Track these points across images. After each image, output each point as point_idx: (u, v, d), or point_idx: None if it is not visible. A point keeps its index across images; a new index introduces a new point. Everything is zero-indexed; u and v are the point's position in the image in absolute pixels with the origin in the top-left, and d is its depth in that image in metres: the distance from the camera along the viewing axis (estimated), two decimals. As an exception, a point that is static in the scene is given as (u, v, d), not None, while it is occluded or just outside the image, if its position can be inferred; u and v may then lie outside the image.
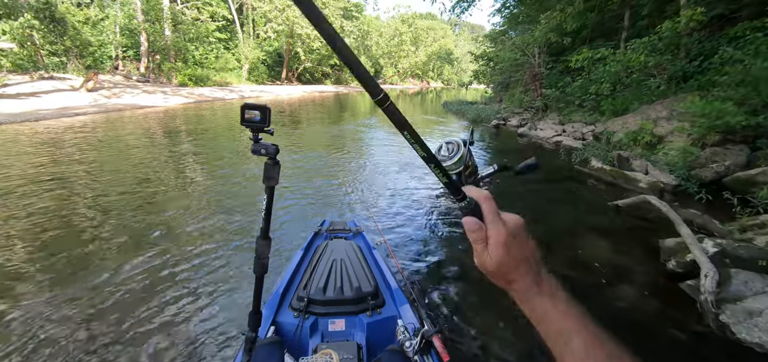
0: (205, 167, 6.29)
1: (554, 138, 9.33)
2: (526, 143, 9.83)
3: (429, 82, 72.54)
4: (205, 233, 3.72)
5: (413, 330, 1.49)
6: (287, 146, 8.49)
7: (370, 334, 1.61)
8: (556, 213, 4.62)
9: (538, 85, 12.83)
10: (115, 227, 3.71)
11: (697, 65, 8.16)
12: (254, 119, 1.07)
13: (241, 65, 32.14)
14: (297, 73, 38.90)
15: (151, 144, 7.87)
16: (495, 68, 18.30)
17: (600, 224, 4.21)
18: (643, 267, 3.25)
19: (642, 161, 5.71)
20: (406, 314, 1.68)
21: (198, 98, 19.55)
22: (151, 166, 6.07)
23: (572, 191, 5.48)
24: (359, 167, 6.96)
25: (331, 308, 1.69)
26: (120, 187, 4.91)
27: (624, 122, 7.59)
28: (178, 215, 4.07)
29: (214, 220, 4.03)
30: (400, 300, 1.77)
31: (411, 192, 5.33)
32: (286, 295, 1.81)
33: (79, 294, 2.63)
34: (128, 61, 25.03)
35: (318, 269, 1.88)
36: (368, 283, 1.80)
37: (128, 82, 21.70)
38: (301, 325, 1.59)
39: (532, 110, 12.82)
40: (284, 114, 15.98)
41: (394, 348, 1.41)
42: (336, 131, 11.71)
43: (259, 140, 1.13)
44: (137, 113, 13.81)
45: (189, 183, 5.38)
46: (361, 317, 1.66)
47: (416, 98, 34.83)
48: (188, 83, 23.55)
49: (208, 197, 4.81)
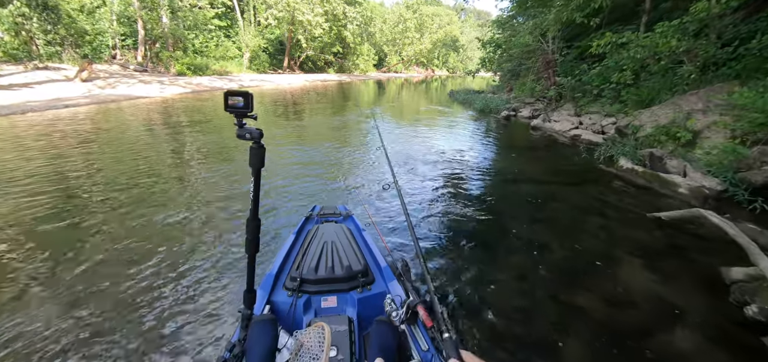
0: (193, 162, 5.72)
1: (571, 131, 8.62)
2: (540, 136, 9.12)
3: (434, 71, 71.23)
4: (194, 230, 3.47)
5: (400, 302, 1.58)
6: (287, 139, 7.89)
7: (360, 309, 1.68)
8: (583, 227, 3.96)
9: (551, 73, 12.04)
10: (64, 231, 3.14)
11: (730, 51, 7.40)
12: (238, 105, 1.18)
13: (242, 54, 31.40)
14: (299, 62, 38.05)
15: (135, 137, 7.29)
16: (503, 55, 17.48)
17: (639, 242, 3.55)
18: (704, 307, 2.61)
19: (679, 161, 5.02)
20: (394, 288, 1.77)
21: (196, 88, 18.93)
22: (128, 161, 5.49)
23: (599, 198, 4.78)
24: (355, 159, 6.70)
25: (323, 286, 1.76)
26: (96, 184, 4.34)
27: (652, 115, 6.86)
28: (160, 217, 3.50)
29: (200, 216, 3.64)
30: (389, 276, 1.85)
31: (403, 182, 5.22)
32: (279, 276, 1.87)
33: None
34: (127, 51, 24.45)
35: (309, 251, 1.96)
36: (358, 262, 1.88)
37: (125, 72, 21.12)
38: (295, 303, 1.66)
39: (545, 99, 12.06)
40: (287, 105, 15.34)
41: (382, 319, 1.46)
42: (337, 121, 11.05)
43: (244, 125, 1.22)
44: (131, 104, 13.26)
45: (170, 179, 4.82)
46: (352, 293, 1.74)
47: (421, 87, 33.95)
48: (187, 73, 22.90)
49: (194, 193, 4.31)
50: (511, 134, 9.89)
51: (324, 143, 7.92)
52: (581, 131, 8.46)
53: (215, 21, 28.38)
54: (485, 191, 5.18)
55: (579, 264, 3.17)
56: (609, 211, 4.37)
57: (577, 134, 8.31)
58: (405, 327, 1.50)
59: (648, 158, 5.27)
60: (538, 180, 5.56)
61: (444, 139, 8.87)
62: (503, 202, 4.71)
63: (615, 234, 3.73)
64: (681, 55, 7.79)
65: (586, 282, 2.90)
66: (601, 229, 3.88)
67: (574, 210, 4.41)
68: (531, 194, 4.88)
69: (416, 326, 1.53)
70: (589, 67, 10.47)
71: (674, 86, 7.54)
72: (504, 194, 5.05)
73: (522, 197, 4.87)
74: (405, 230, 3.62)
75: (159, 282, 2.71)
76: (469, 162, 6.64)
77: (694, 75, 7.40)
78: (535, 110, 11.72)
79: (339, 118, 11.92)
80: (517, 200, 4.79)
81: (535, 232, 3.76)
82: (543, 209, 4.48)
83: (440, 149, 7.61)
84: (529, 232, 3.75)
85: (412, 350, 1.46)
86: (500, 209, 4.39)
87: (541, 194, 4.88)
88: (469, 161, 6.68)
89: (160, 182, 4.83)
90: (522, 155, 7.50)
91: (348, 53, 43.95)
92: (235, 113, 1.20)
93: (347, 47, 42.88)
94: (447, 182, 5.48)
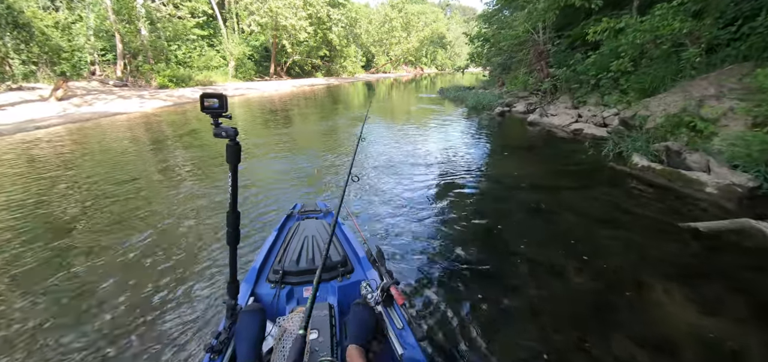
0: (168, 180, 5.14)
1: (572, 125, 8.14)
2: (538, 132, 8.61)
3: (423, 69, 70.84)
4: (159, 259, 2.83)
5: (376, 286, 1.66)
6: (268, 148, 7.31)
7: (341, 296, 1.77)
8: (602, 243, 3.41)
9: (544, 64, 11.59)
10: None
11: (733, 31, 6.96)
12: (213, 106, 1.26)
13: (227, 62, 30.65)
14: (286, 67, 37.35)
15: (106, 159, 6.67)
16: (492, 49, 17.04)
17: (675, 261, 3.01)
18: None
19: (700, 155, 4.53)
20: (371, 275, 1.86)
21: (178, 100, 18.23)
22: (93, 185, 4.89)
23: (615, 203, 4.22)
24: (336, 162, 6.54)
25: (304, 277, 1.84)
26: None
27: (659, 104, 6.39)
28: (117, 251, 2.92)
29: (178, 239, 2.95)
30: (367, 265, 1.94)
31: (389, 187, 5.12)
32: (262, 270, 1.94)
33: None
34: (107, 66, 23.66)
35: (291, 246, 2.05)
36: (337, 254, 1.97)
37: (104, 88, 20.36)
38: (278, 294, 1.75)
39: (540, 93, 11.60)
40: (272, 112, 14.72)
41: (358, 302, 1.51)
42: (324, 126, 10.47)
43: (219, 124, 1.30)
44: (108, 121, 12.58)
45: (140, 200, 4.25)
46: (333, 283, 1.83)
47: (410, 86, 33.45)
48: (169, 85, 22.16)
49: (170, 217, 3.72)
50: (507, 132, 9.39)
51: (307, 150, 7.42)
52: (582, 124, 7.99)
53: (196, 31, 27.62)
54: (482, 199, 4.65)
55: (603, 294, 2.64)
56: (630, 220, 3.82)
57: (579, 128, 7.83)
58: (381, 309, 1.57)
59: (664, 153, 4.77)
60: (542, 184, 5.02)
61: (435, 139, 8.38)
62: (503, 213, 4.15)
63: (642, 251, 3.18)
64: (682, 38, 7.36)
65: (613, 319, 2.37)
66: (625, 244, 3.33)
67: (588, 220, 3.86)
68: (535, 202, 4.33)
69: (392, 308, 1.60)
70: (584, 56, 10.02)
71: (679, 72, 7.08)
72: (504, 203, 4.48)
73: (524, 205, 4.31)
74: (382, 221, 3.94)
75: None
76: (463, 164, 6.12)
77: (700, 58, 6.95)
78: (530, 104, 11.25)
79: (325, 123, 11.36)
80: (519, 210, 4.21)
81: (543, 251, 3.23)
82: (551, 220, 3.94)
83: (431, 151, 7.12)
84: (536, 251, 3.22)
85: (388, 328, 1.52)
86: (500, 222, 3.84)
87: (546, 201, 4.34)
88: (462, 163, 6.16)
89: (129, 203, 4.31)
90: (521, 154, 6.97)
91: (335, 56, 43.34)
92: (211, 113, 1.27)
93: (334, 50, 42.28)
94: (438, 188, 4.99)
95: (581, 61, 9.97)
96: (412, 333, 1.46)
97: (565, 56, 10.91)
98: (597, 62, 9.33)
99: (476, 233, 3.61)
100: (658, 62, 7.75)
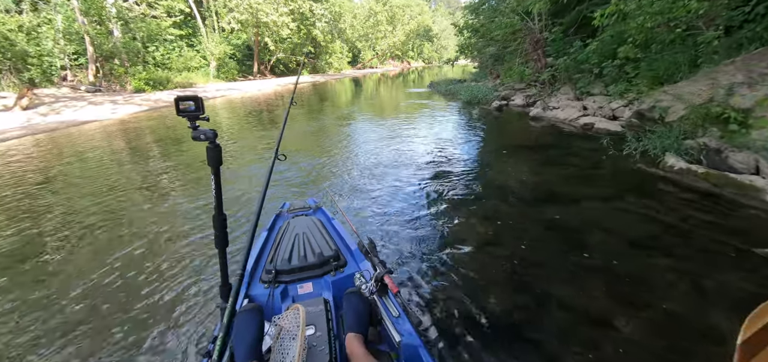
0: (132, 197, 4.33)
1: (580, 119, 7.50)
2: (544, 128, 7.95)
3: (409, 63, 70.06)
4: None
5: (369, 276, 1.64)
6: (248, 153, 6.52)
7: (335, 291, 1.74)
8: (648, 274, 2.71)
9: (541, 53, 10.95)
10: None
11: (747, 11, 6.39)
12: (189, 108, 1.21)
13: (208, 63, 29.43)
14: (269, 66, 36.22)
15: (70, 172, 5.83)
16: (481, 40, 16.37)
17: (750, 299, 2.38)
18: None
19: (745, 154, 3.90)
20: (365, 267, 1.87)
21: (154, 104, 17.20)
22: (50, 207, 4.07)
23: (654, 217, 3.51)
24: (324, 162, 6.15)
25: (297, 275, 1.82)
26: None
27: (679, 93, 5.76)
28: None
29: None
30: (360, 258, 1.94)
31: (374, 185, 4.97)
32: (255, 271, 1.90)
33: None
34: (80, 70, 22.36)
35: (282, 244, 2.01)
36: (329, 248, 1.94)
37: (75, 94, 19.20)
38: (272, 294, 1.72)
39: (538, 84, 10.96)
40: (253, 114, 13.85)
41: (352, 290, 1.53)
42: (311, 127, 9.67)
43: (197, 127, 1.24)
44: (77, 130, 11.62)
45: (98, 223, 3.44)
46: (326, 278, 1.81)
47: (398, 80, 32.68)
48: (146, 88, 21.01)
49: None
50: (509, 128, 8.71)
51: (292, 152, 6.65)
52: (591, 118, 7.36)
53: (173, 30, 26.35)
54: (491, 220, 3.70)
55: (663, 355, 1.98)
56: (677, 241, 3.11)
57: (589, 122, 7.19)
58: (376, 298, 1.55)
59: (702, 152, 4.13)
60: (557, 192, 4.33)
61: (428, 138, 7.67)
62: (512, 233, 3.40)
63: (708, 289, 2.49)
64: (696, 20, 6.76)
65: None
66: (677, 276, 2.64)
67: (622, 241, 3.15)
68: (550, 217, 3.60)
69: (387, 297, 1.58)
70: (584, 43, 9.39)
71: (697, 57, 6.48)
72: (511, 219, 3.67)
73: (538, 222, 3.57)
74: (374, 215, 3.88)
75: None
76: (462, 171, 5.33)
77: (718, 42, 6.35)
78: (529, 97, 10.62)
79: (311, 125, 10.56)
80: (540, 233, 3.37)
81: (569, 288, 2.54)
82: (573, 241, 3.18)
83: (424, 153, 6.42)
84: (561, 289, 2.53)
85: (383, 316, 1.51)
86: (519, 252, 3.07)
87: (564, 216, 3.62)
88: (461, 170, 5.38)
89: (105, 216, 3.49)
90: (527, 155, 6.27)
91: (320, 53, 42.24)
92: (188, 116, 1.22)
93: (319, 46, 41.20)
94: (432, 197, 4.31)
95: (581, 49, 9.36)
96: (408, 320, 1.47)
97: (563, 44, 10.27)
98: (599, 49, 8.73)
99: (485, 269, 2.88)
100: (671, 47, 7.15)
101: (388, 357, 1.42)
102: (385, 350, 1.45)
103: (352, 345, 1.26)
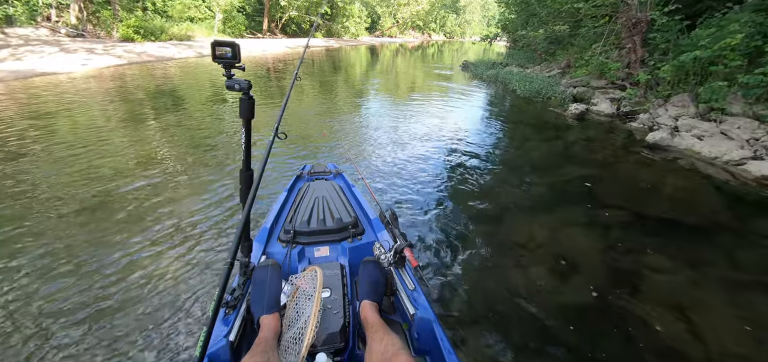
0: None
1: (748, 165, 4.68)
2: (678, 171, 4.90)
3: (430, 35, 66.00)
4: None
5: (388, 247, 1.57)
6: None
7: (352, 258, 1.72)
8: None
9: (637, 41, 8.03)
10: None
11: None
12: (226, 55, 1.16)
13: (214, 14, 26.34)
14: (281, 24, 32.99)
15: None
16: (534, 18, 13.35)
17: None
18: None
19: None
20: (383, 237, 1.82)
21: (137, 58, 14.53)
22: None
23: None
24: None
25: (315, 237, 1.80)
26: None
27: None
28: None
29: None
30: (378, 227, 1.88)
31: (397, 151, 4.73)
32: (273, 230, 1.88)
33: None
34: (66, 10, 19.61)
35: (301, 207, 2.01)
36: (348, 215, 1.93)
37: (51, 38, 16.57)
38: (290, 253, 1.68)
39: (629, 84, 8.08)
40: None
41: (369, 259, 1.49)
42: (316, 112, 7.01)
43: (232, 75, 1.20)
44: (19, 84, 9.09)
45: None
46: (343, 243, 1.77)
47: (417, 54, 29.44)
48: (135, 37, 18.24)
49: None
50: (609, 160, 5.24)
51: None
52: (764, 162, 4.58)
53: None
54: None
55: None
56: None
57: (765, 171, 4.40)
58: (393, 270, 1.52)
59: None
60: None
61: (476, 148, 5.08)
62: None
63: None
64: None
65: None
66: None
67: None
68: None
69: (404, 269, 1.55)
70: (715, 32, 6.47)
71: None
72: None
73: None
74: (395, 186, 3.80)
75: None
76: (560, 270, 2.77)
77: None
78: (618, 102, 7.75)
79: (323, 105, 7.87)
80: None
81: None
82: None
83: (468, 163, 3.83)
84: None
85: (399, 287, 1.49)
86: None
87: None
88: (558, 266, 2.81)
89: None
90: (671, 240, 3.43)
91: (336, 14, 38.71)
92: (223, 63, 1.17)
93: (335, 7, 37.68)
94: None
95: (707, 42, 6.42)
96: (423, 294, 1.44)
97: (677, 34, 7.33)
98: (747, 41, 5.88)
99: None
100: None
101: (400, 327, 1.43)
102: (398, 320, 1.46)
103: (366, 312, 1.26)
